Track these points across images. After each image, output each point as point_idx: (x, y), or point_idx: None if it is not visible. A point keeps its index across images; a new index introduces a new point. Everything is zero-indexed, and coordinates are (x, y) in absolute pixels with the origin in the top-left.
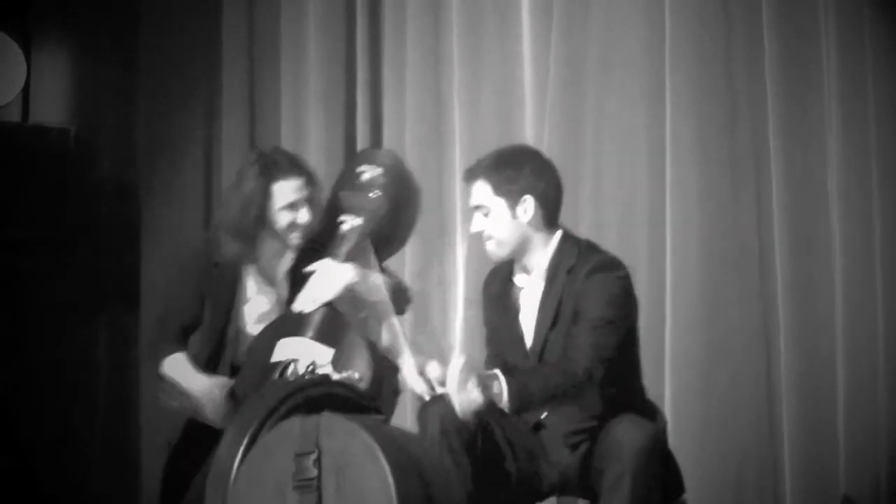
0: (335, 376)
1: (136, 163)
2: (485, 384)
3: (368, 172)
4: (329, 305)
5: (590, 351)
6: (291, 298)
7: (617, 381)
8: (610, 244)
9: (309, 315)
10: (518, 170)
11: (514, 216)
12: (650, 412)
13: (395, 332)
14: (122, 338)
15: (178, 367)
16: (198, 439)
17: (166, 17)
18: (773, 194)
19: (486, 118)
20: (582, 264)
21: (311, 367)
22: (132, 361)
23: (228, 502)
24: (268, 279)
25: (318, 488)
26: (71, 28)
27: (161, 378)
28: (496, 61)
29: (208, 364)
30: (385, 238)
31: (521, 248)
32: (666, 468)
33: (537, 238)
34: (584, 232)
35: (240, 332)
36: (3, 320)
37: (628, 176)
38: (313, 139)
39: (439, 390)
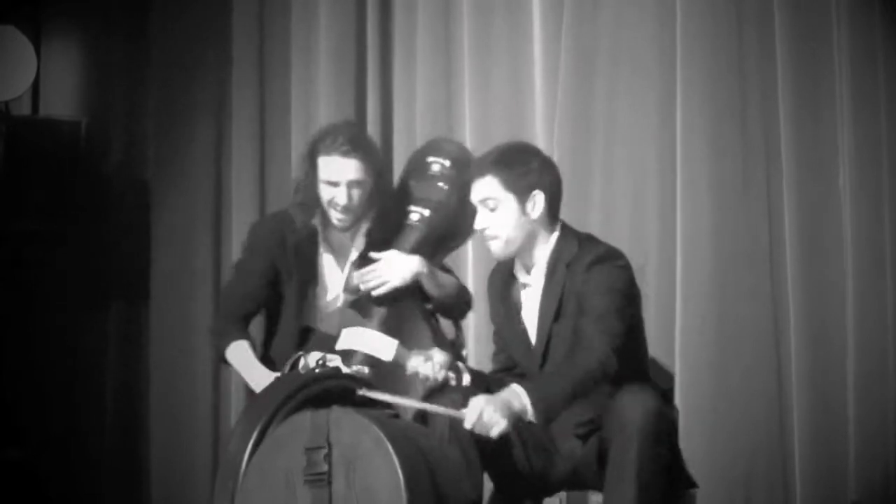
0: (345, 370)
1: (146, 155)
2: (508, 406)
3: (437, 164)
4: (395, 296)
5: (603, 340)
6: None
7: (624, 374)
8: (620, 240)
9: (374, 306)
10: (527, 164)
11: (524, 212)
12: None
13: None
14: (131, 330)
15: (241, 357)
16: None
17: (176, 8)
18: (783, 190)
19: (496, 111)
20: (582, 257)
21: (320, 361)
22: (141, 354)
23: (238, 496)
24: (339, 261)
25: (329, 482)
26: (81, 21)
27: (225, 362)
28: (506, 51)
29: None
30: (450, 232)
31: (526, 245)
32: (673, 451)
33: (541, 234)
34: (594, 228)
35: (320, 310)
36: (13, 312)
37: (638, 172)
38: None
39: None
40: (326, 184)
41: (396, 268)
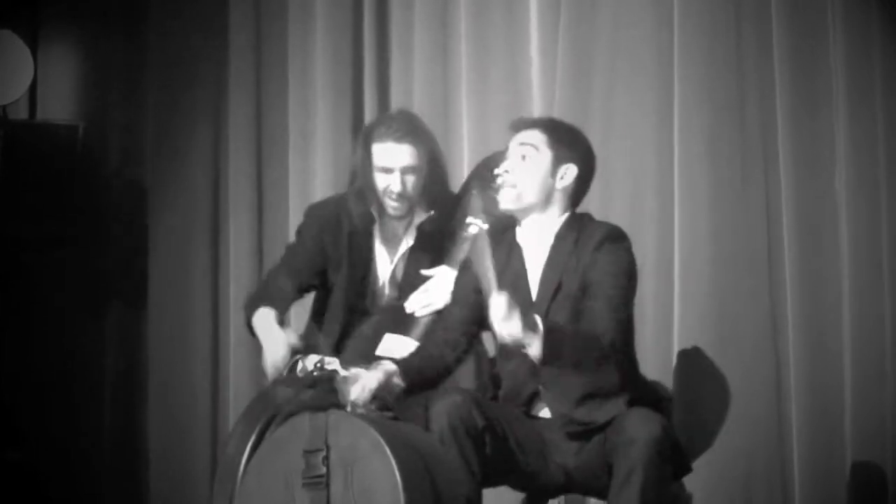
0: (343, 373)
1: (143, 159)
2: (527, 322)
3: (502, 176)
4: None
5: (611, 320)
6: (403, 284)
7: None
8: None
9: (419, 316)
10: (577, 140)
11: (552, 175)
12: (651, 391)
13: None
14: (129, 333)
15: (261, 322)
16: None
17: (173, 12)
18: (781, 191)
19: (493, 111)
20: (588, 235)
21: (318, 364)
22: (139, 357)
23: (237, 498)
24: (390, 251)
25: (327, 485)
26: (78, 25)
27: (252, 333)
28: (503, 51)
29: (343, 335)
30: None
31: (534, 208)
32: (673, 452)
33: (554, 207)
34: None
35: (376, 295)
36: (11, 316)
37: (636, 171)
38: (320, 133)
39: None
40: (381, 171)
41: (445, 288)
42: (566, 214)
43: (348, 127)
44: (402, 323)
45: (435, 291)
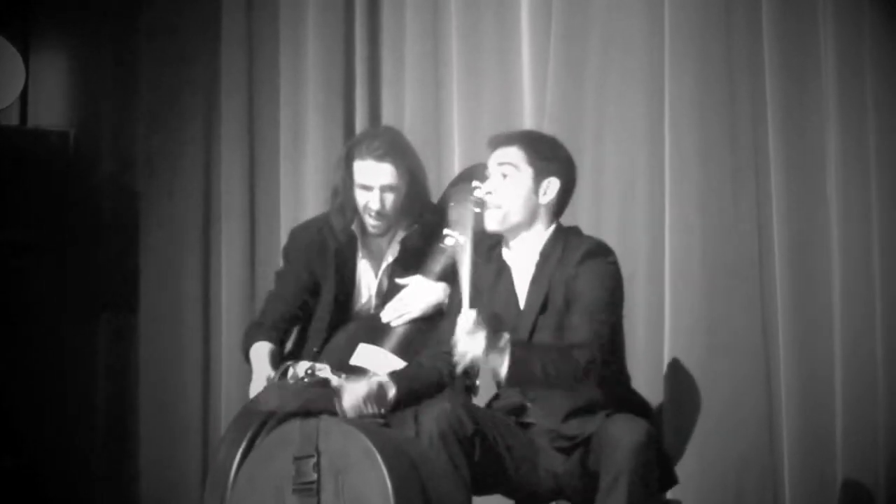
0: (334, 380)
1: (135, 165)
2: (492, 341)
3: (485, 197)
4: (415, 322)
5: (590, 332)
6: (387, 296)
7: (605, 373)
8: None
9: (393, 327)
10: (554, 152)
11: (535, 191)
12: (638, 403)
13: None
14: (120, 340)
15: (255, 356)
16: None
17: (165, 19)
18: (772, 197)
19: (485, 107)
20: (571, 250)
21: (309, 370)
22: (132, 363)
23: None
24: (374, 265)
25: (318, 492)
26: (70, 31)
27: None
28: (495, 51)
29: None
30: None
31: (521, 226)
32: (659, 463)
33: (539, 222)
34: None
35: (361, 309)
36: (4, 322)
37: (627, 179)
38: (311, 140)
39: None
40: (361, 188)
41: (420, 297)
42: (551, 228)
43: (339, 134)
44: (376, 332)
45: (409, 300)
